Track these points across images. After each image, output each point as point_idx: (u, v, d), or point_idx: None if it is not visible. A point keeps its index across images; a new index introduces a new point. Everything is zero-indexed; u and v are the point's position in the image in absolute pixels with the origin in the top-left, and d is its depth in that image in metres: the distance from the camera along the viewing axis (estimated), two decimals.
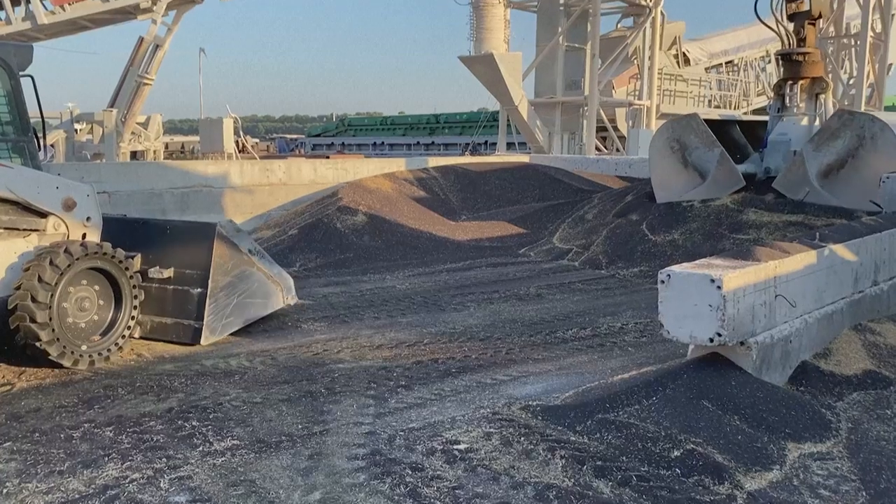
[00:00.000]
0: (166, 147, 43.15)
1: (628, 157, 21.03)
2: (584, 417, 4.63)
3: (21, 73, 6.28)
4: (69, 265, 5.96)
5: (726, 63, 31.24)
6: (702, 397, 4.61)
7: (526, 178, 16.74)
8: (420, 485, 3.96)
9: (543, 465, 4.14)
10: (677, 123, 12.42)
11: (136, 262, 6.68)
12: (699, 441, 4.22)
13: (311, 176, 14.38)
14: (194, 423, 4.85)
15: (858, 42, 25.10)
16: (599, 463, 4.11)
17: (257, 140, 55.75)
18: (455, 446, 4.39)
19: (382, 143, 50.62)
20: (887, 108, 30.00)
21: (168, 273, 6.84)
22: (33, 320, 5.73)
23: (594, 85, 24.34)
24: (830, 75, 26.18)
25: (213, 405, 5.19)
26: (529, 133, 26.61)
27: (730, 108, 30.05)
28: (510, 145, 29.23)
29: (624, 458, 4.16)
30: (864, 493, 3.86)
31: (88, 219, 6.44)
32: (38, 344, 5.78)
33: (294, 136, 66.05)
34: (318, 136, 58.98)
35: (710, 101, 29.67)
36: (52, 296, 5.83)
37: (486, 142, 37.97)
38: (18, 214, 6.02)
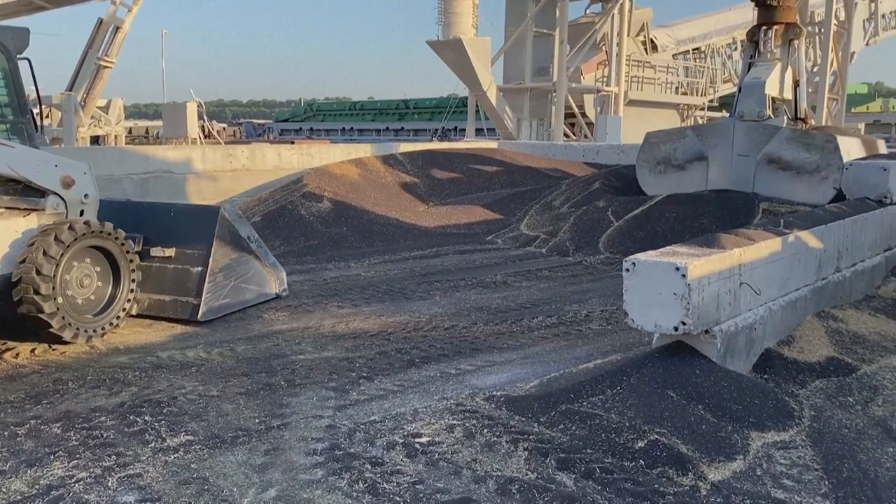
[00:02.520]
0: (130, 132, 42.27)
1: (596, 143, 21.05)
2: (548, 408, 4.56)
3: (18, 55, 6.43)
4: (73, 241, 6.17)
5: (693, 50, 31.38)
6: (666, 387, 4.57)
7: (494, 165, 16.66)
8: (380, 480, 3.85)
9: (506, 457, 4.06)
10: (646, 152, 12.47)
11: (139, 244, 7.00)
12: (663, 431, 4.17)
13: (275, 162, 14.12)
14: (147, 419, 4.68)
15: (822, 30, 25.33)
16: (563, 455, 4.04)
17: (224, 125, 54.82)
18: (417, 439, 4.29)
19: (351, 128, 50.11)
20: (849, 97, 30.46)
21: (170, 252, 7.13)
22: (37, 292, 5.90)
23: (562, 71, 24.29)
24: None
25: (167, 399, 5.02)
26: (498, 119, 26.49)
27: (696, 94, 30.24)
28: (479, 131, 29.09)
29: (588, 449, 4.10)
30: (826, 483, 3.85)
31: (86, 196, 6.62)
32: (41, 315, 5.94)
33: (262, 122, 65.11)
34: (287, 121, 58.20)
35: (677, 87, 29.81)
36: (56, 269, 6.02)
37: (455, 128, 37.76)
38: (19, 194, 6.24)
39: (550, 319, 7.16)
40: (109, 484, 3.84)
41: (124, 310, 6.62)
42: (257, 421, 4.65)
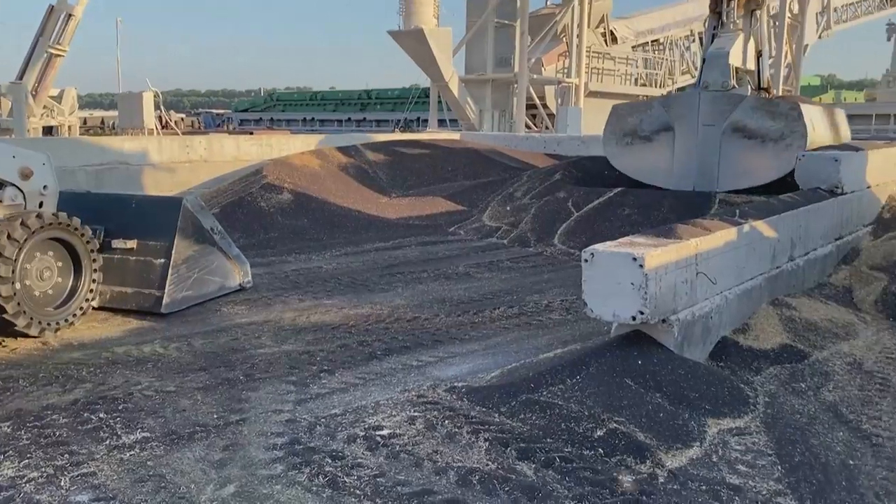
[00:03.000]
0: (84, 122, 41.28)
1: (557, 134, 21.18)
2: (508, 398, 4.58)
3: None
4: (39, 228, 6.08)
5: (652, 42, 31.73)
6: (625, 375, 4.62)
7: (456, 156, 16.65)
8: (340, 474, 3.83)
9: (467, 448, 4.07)
10: (613, 124, 12.49)
11: (100, 236, 6.89)
12: (622, 420, 4.23)
13: (233, 153, 13.90)
14: (101, 416, 4.58)
15: (777, 23, 25.82)
16: (523, 445, 4.06)
17: (183, 115, 53.86)
18: (378, 432, 4.28)
19: (313, 118, 49.69)
20: (803, 88, 31.12)
21: (132, 244, 7.05)
22: None
23: (524, 62, 24.36)
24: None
25: (122, 395, 4.92)
26: (460, 110, 26.49)
27: (655, 86, 30.59)
28: (442, 122, 29.06)
29: (548, 439, 4.13)
30: (779, 467, 3.94)
31: (45, 187, 6.52)
32: (4, 316, 5.85)
33: (221, 111, 64.12)
34: (246, 111, 57.45)
35: (636, 79, 30.12)
36: (17, 253, 5.90)
37: (418, 118, 37.69)
38: None
39: (512, 310, 7.20)
40: (62, 483, 3.75)
41: (84, 305, 6.52)
42: (215, 416, 4.59)
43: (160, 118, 28.27)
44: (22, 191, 6.37)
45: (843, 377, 5.26)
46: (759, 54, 12.37)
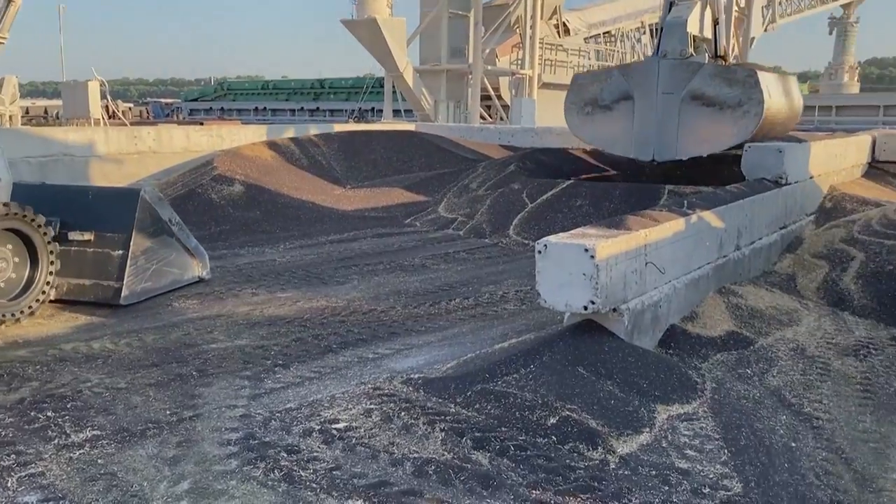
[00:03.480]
0: (26, 112, 39.93)
1: (511, 126, 21.30)
2: (464, 388, 4.63)
3: None
4: None
5: (604, 34, 32.09)
6: (577, 364, 4.71)
7: (412, 147, 16.63)
8: (296, 468, 3.83)
9: (423, 439, 4.10)
10: (574, 94, 12.49)
11: (56, 228, 6.80)
12: (574, 407, 4.31)
13: (183, 143, 13.62)
14: (49, 414, 4.49)
15: (724, 15, 26.37)
16: (479, 434, 4.11)
17: (131, 105, 52.49)
18: (333, 425, 4.28)
19: (265, 108, 48.93)
20: None
21: (88, 236, 7.01)
22: None
23: (478, 53, 24.40)
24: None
25: (71, 393, 4.82)
26: (415, 100, 26.42)
27: None
28: (396, 112, 28.93)
29: (503, 427, 4.19)
30: (726, 451, 4.07)
31: None
32: None
33: (169, 101, 62.70)
34: (196, 100, 56.26)
35: (588, 70, 30.41)
36: None
37: (372, 108, 37.42)
38: None
39: (467, 301, 7.25)
40: (9, 484, 3.67)
41: (41, 296, 6.52)
42: (168, 413, 4.53)
43: (107, 108, 27.52)
44: None
45: (786, 362, 5.44)
46: (715, 22, 12.41)
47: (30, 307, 6.38)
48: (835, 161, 10.63)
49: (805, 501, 3.60)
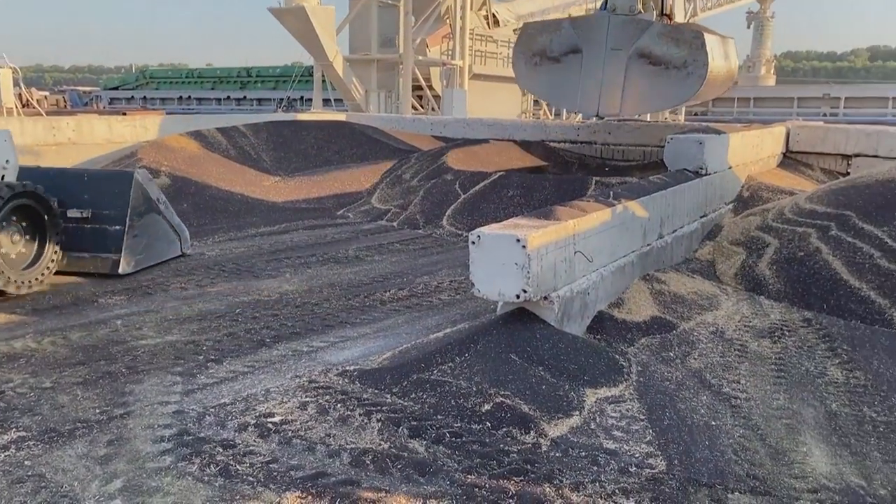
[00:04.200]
0: None
1: (443, 116, 21.37)
2: (400, 379, 4.70)
3: None
4: (3, 204, 6.67)
5: None
6: (510, 351, 4.84)
7: (343, 137, 16.51)
8: (232, 462, 3.82)
9: (360, 429, 4.15)
10: (522, 44, 12.32)
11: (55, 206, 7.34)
12: (507, 393, 4.43)
13: (105, 135, 13.20)
14: None
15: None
16: (415, 423, 4.19)
17: (46, 93, 50.13)
18: (269, 419, 4.28)
19: (189, 97, 47.54)
20: None
21: (85, 213, 7.72)
22: None
23: (408, 43, 24.35)
24: None
25: None
26: (346, 90, 26.19)
27: None
28: (326, 102, 28.60)
29: (438, 415, 4.28)
30: (650, 431, 4.26)
31: (7, 161, 7.10)
32: None
33: (88, 89, 60.19)
34: (117, 88, 54.20)
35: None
36: None
37: (301, 97, 36.84)
38: None
39: (402, 292, 7.30)
40: None
41: (50, 266, 7.20)
42: (98, 411, 4.44)
43: (20, 96, 26.26)
44: None
45: (707, 345, 5.70)
46: None
47: (37, 278, 7.04)
48: (752, 152, 11.12)
49: (724, 476, 3.82)
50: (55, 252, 7.24)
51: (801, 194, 9.12)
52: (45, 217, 7.16)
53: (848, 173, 12.28)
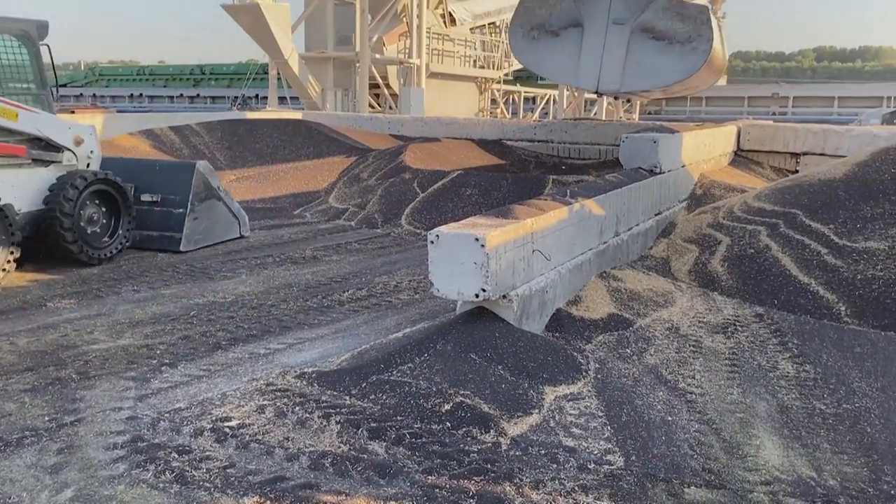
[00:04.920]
0: None
1: (401, 115, 21.31)
2: (359, 380, 4.66)
3: (40, 42, 8.07)
4: (85, 187, 8.01)
5: (489, 24, 32.57)
6: (469, 350, 4.84)
7: (299, 136, 16.35)
8: (188, 468, 3.74)
9: (319, 432, 4.11)
10: (520, 17, 11.82)
11: (132, 191, 8.81)
12: (467, 393, 4.43)
13: None
14: None
15: None
16: (374, 424, 4.16)
17: None
18: (226, 423, 4.21)
19: (141, 94, 46.55)
20: None
21: (156, 198, 9.10)
22: (62, 227, 7.75)
23: (365, 41, 24.22)
24: None
25: None
26: (302, 88, 25.92)
27: (493, 68, 31.50)
28: (282, 100, 28.30)
29: (398, 417, 4.26)
30: (609, 428, 4.31)
31: (92, 152, 8.49)
32: (66, 244, 7.79)
33: None
34: (65, 86, 52.76)
35: (475, 61, 30.83)
36: (74, 208, 7.86)
37: (256, 95, 36.35)
38: (43, 149, 7.94)
39: (361, 292, 7.26)
40: None
41: (122, 243, 8.44)
42: (47, 419, 4.31)
43: None
44: (76, 154, 8.24)
45: (662, 341, 5.79)
46: None
47: (110, 252, 8.27)
48: (705, 150, 11.34)
49: (680, 471, 3.88)
50: (128, 231, 8.50)
51: (749, 192, 9.32)
52: (120, 201, 8.43)
53: (797, 171, 12.61)
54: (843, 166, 8.38)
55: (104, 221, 8.36)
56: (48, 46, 8.26)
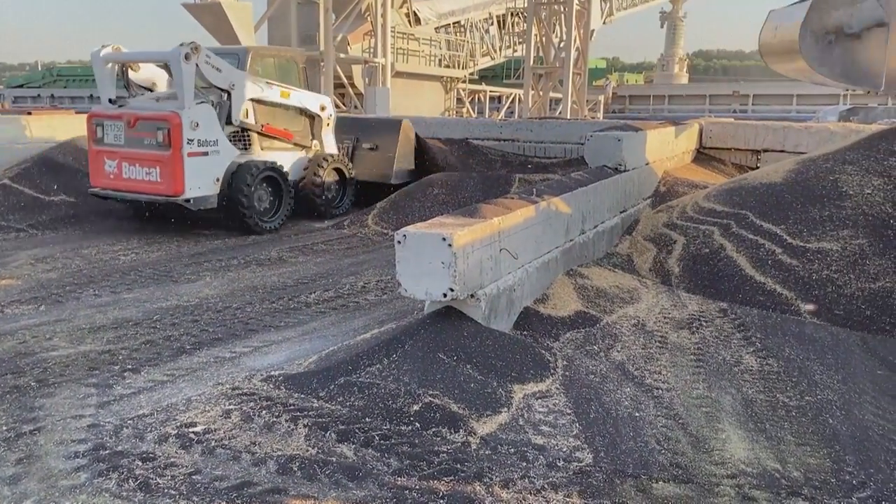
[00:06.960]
0: None
1: (366, 115, 21.20)
2: (327, 382, 4.62)
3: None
4: (329, 165, 11.33)
5: (454, 24, 32.58)
6: (438, 350, 4.82)
7: None
8: (152, 475, 3.67)
9: (286, 436, 4.06)
10: (813, 20, 10.43)
11: (355, 140, 12.53)
12: (436, 393, 4.42)
13: (11, 135, 12.48)
14: None
15: (566, 9, 27.58)
16: (343, 427, 4.13)
17: None
18: (191, 429, 4.14)
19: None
20: (590, 70, 33.54)
21: (373, 145, 12.44)
22: (315, 195, 11.15)
23: (329, 40, 24.05)
24: (544, 39, 28.56)
25: None
26: None
27: (458, 67, 31.52)
28: None
29: (367, 418, 4.23)
30: (577, 425, 4.32)
31: (330, 116, 11.59)
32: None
33: None
34: (22, 86, 51.51)
35: (440, 60, 30.83)
36: (323, 181, 11.26)
37: None
38: (301, 137, 11.29)
39: (328, 293, 7.20)
40: None
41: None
42: (4, 428, 4.19)
43: None
44: (322, 118, 11.52)
45: (629, 338, 5.84)
46: None
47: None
48: (668, 148, 11.47)
49: (648, 466, 3.91)
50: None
51: (699, 192, 9.42)
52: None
53: (758, 167, 12.81)
54: (780, 171, 8.56)
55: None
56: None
